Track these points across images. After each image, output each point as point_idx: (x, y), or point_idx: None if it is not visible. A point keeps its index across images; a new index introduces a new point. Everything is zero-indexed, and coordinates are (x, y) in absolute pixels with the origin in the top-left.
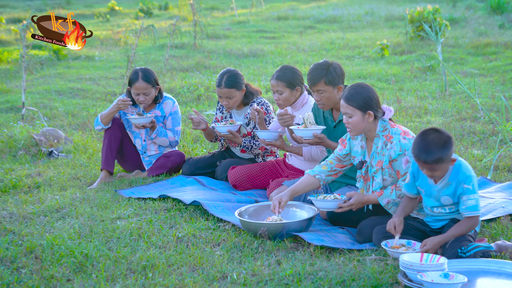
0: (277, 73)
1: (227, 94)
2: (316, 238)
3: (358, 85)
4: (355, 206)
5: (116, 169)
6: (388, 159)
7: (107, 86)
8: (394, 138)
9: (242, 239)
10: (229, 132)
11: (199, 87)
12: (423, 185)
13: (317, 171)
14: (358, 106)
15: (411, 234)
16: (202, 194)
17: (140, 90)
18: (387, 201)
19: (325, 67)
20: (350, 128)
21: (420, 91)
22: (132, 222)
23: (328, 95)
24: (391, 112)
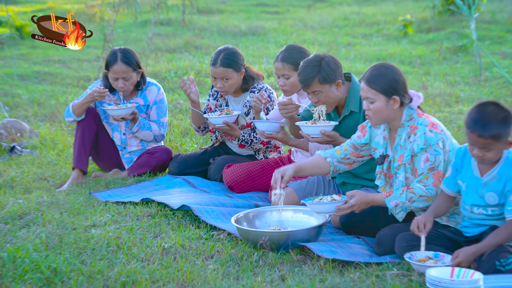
0: (283, 53)
1: (223, 75)
2: (327, 249)
3: (382, 65)
4: (357, 207)
5: (91, 168)
6: (410, 154)
7: (80, 69)
8: (419, 130)
9: (240, 250)
10: (225, 123)
11: (189, 71)
12: (466, 178)
13: (330, 154)
14: (381, 89)
15: (441, 245)
16: (192, 198)
17: (119, 74)
18: (395, 204)
19: (316, 63)
20: (370, 116)
21: (450, 75)
22: (110, 230)
23: (325, 95)
24: (420, 98)
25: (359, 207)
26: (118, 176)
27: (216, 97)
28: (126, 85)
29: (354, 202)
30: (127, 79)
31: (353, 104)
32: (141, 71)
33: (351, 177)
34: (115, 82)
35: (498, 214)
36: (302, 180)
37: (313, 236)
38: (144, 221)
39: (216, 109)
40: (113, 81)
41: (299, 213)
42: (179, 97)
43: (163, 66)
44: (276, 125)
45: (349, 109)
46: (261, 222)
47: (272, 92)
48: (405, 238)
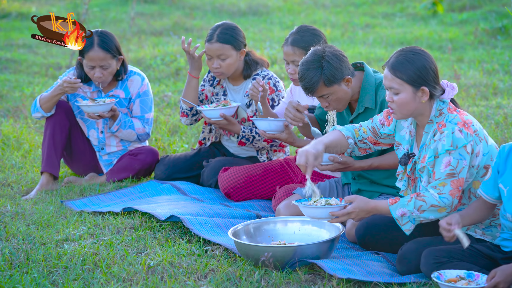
0: (293, 36)
1: (219, 52)
2: (341, 267)
3: (410, 50)
4: (355, 215)
5: (63, 172)
6: (434, 154)
7: (49, 56)
8: (446, 128)
9: (238, 268)
10: (222, 117)
11: (178, 58)
12: (509, 181)
13: (351, 133)
14: (408, 79)
15: (474, 262)
16: (182, 207)
17: (95, 62)
18: (402, 213)
19: (316, 64)
20: (394, 109)
21: (487, 62)
22: (85, 245)
23: (336, 97)
24: (454, 90)
25: (357, 215)
26: (95, 182)
27: (212, 83)
28: (104, 74)
29: (352, 209)
30: (105, 68)
31: (367, 99)
32: (122, 58)
33: (367, 183)
34: (91, 71)
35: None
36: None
37: (324, 251)
38: (125, 235)
39: (213, 97)
40: (88, 69)
41: (308, 225)
42: (166, 89)
43: (148, 51)
44: (279, 124)
45: (363, 106)
46: (263, 235)
47: (278, 81)
48: (432, 254)
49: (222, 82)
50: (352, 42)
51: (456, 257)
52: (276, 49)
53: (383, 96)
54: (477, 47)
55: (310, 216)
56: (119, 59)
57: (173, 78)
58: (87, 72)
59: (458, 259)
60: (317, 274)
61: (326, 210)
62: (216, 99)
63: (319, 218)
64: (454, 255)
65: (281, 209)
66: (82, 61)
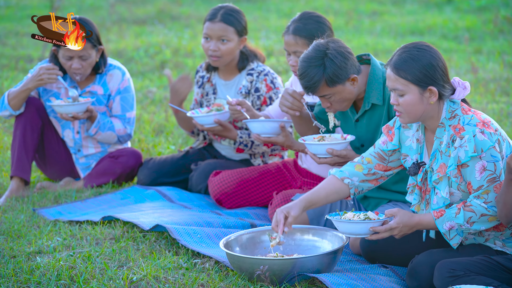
0: (295, 24)
1: (221, 33)
2: (345, 282)
3: (414, 46)
4: (398, 231)
5: (35, 177)
6: (456, 163)
7: (19, 47)
8: (466, 132)
9: (231, 283)
10: (217, 122)
11: (163, 49)
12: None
13: (348, 172)
14: (414, 79)
15: (494, 276)
16: (168, 215)
17: (74, 52)
18: (450, 226)
19: (318, 62)
20: (400, 112)
21: (508, 54)
22: (61, 258)
23: (339, 97)
24: (466, 89)
25: (400, 231)
26: (71, 188)
27: (201, 84)
28: (83, 66)
29: (395, 225)
30: (84, 58)
31: (375, 95)
32: (102, 48)
33: (375, 189)
34: (68, 62)
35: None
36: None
37: (326, 265)
38: (105, 246)
39: (203, 99)
40: (65, 61)
41: (308, 235)
42: (150, 84)
43: (130, 42)
44: (274, 125)
45: (370, 102)
46: (259, 246)
47: (276, 77)
48: (447, 267)
49: (212, 78)
50: (358, 32)
51: (474, 270)
52: (273, 40)
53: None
54: (497, 36)
55: (346, 233)
56: (98, 50)
57: (158, 72)
58: (63, 64)
59: (476, 273)
60: None
61: (367, 226)
62: (206, 100)
63: (357, 234)
64: (471, 268)
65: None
66: (58, 52)
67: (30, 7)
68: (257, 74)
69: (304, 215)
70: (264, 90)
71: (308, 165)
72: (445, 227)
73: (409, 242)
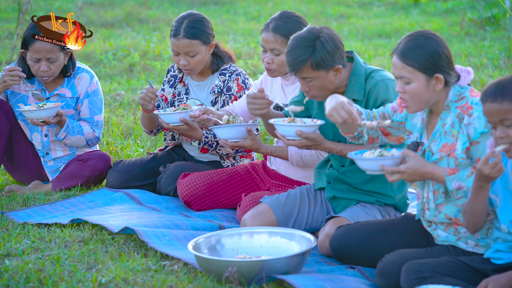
0: (276, 22)
1: (187, 49)
2: (313, 283)
3: (420, 35)
4: (408, 176)
5: (3, 180)
6: (467, 141)
7: None
8: (475, 110)
9: (200, 285)
10: (182, 121)
11: (132, 52)
12: (500, 189)
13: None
14: (420, 66)
15: (462, 277)
16: (137, 218)
17: (42, 54)
18: (458, 186)
19: (309, 43)
20: (407, 101)
21: (474, 56)
22: (29, 261)
23: (320, 83)
24: (470, 74)
25: (409, 176)
26: (40, 190)
27: (173, 83)
28: (50, 68)
29: (404, 169)
30: (52, 61)
31: (355, 90)
32: (70, 51)
33: (344, 189)
34: (36, 65)
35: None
36: (281, 195)
37: (294, 266)
38: (74, 249)
39: (174, 99)
40: (33, 63)
41: (276, 237)
42: (118, 87)
43: (98, 45)
44: (241, 130)
45: (351, 98)
46: (227, 248)
47: (248, 78)
48: (414, 268)
49: (184, 79)
50: None
51: (440, 272)
52: (241, 43)
53: (370, 87)
54: (464, 39)
55: (363, 169)
56: (67, 52)
57: (126, 75)
58: (31, 66)
59: (442, 274)
60: None
61: (378, 162)
62: (178, 100)
63: (369, 170)
64: (438, 269)
65: (247, 220)
66: (26, 54)
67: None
68: (229, 73)
69: (273, 217)
70: (235, 90)
71: (277, 166)
72: (454, 186)
73: (378, 242)
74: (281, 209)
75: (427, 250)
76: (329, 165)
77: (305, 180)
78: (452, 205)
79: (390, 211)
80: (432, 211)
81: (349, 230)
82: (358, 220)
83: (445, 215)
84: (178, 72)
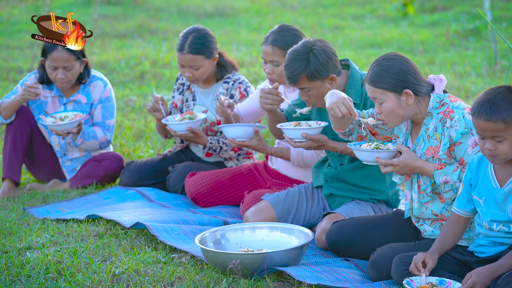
0: (274, 35)
1: (191, 63)
2: (310, 274)
3: (383, 59)
4: (400, 169)
5: (25, 178)
6: (448, 142)
7: (10, 59)
8: (456, 113)
9: (206, 276)
10: (189, 130)
11: (143, 61)
12: (483, 191)
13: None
14: (389, 86)
15: (448, 269)
16: (148, 214)
17: (59, 63)
18: (445, 180)
19: (303, 56)
20: (385, 120)
21: (459, 65)
22: (49, 253)
23: (317, 92)
24: (443, 81)
25: (401, 170)
26: (58, 188)
27: (182, 90)
28: (67, 76)
29: (397, 162)
30: (68, 69)
31: (352, 94)
32: (86, 60)
33: (341, 187)
34: (54, 72)
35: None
36: (281, 192)
37: (293, 259)
38: (90, 242)
39: (183, 105)
40: (51, 70)
41: (276, 232)
42: (131, 93)
43: (111, 55)
44: (248, 130)
45: None
46: (231, 242)
47: (249, 86)
48: (403, 260)
49: (191, 86)
50: None
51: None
52: (243, 52)
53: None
54: (449, 49)
55: (358, 157)
56: (82, 62)
57: (138, 81)
58: (49, 73)
59: None
60: (286, 282)
61: (373, 154)
62: (186, 106)
63: (364, 160)
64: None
65: (249, 216)
66: (45, 62)
67: (19, 23)
68: (232, 82)
69: (273, 213)
70: (238, 97)
71: (277, 166)
72: (441, 180)
73: (372, 236)
74: (281, 206)
75: (415, 244)
76: (326, 164)
77: (304, 179)
78: (438, 203)
79: (382, 208)
80: (420, 208)
81: (344, 225)
82: (352, 216)
83: (431, 211)
84: (186, 80)
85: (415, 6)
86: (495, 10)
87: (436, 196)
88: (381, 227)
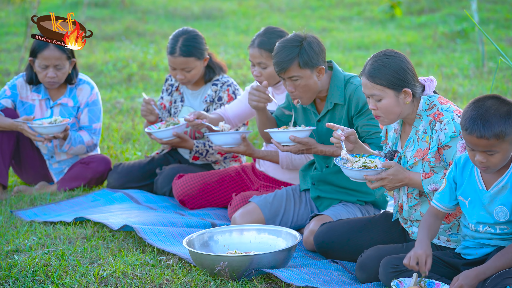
0: (260, 38)
1: (183, 65)
2: (298, 276)
3: (383, 55)
4: (389, 182)
5: (12, 181)
6: (437, 145)
7: None
8: (445, 116)
9: (193, 278)
10: (175, 135)
11: (130, 63)
12: (469, 193)
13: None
14: (388, 83)
15: (436, 271)
16: (136, 216)
17: (51, 61)
18: (434, 188)
19: (296, 43)
20: (380, 116)
21: (446, 66)
22: (36, 256)
23: (305, 83)
24: (433, 82)
25: (390, 182)
26: (46, 191)
27: (170, 91)
28: (57, 75)
29: (385, 176)
30: (59, 68)
31: (336, 95)
32: (74, 61)
33: (328, 190)
34: (44, 71)
35: (509, 233)
36: (269, 195)
37: (280, 261)
38: (77, 245)
39: (171, 106)
40: (41, 69)
41: (264, 234)
42: (118, 95)
43: (99, 57)
44: (235, 137)
45: (332, 102)
46: (219, 244)
47: (238, 88)
48: (391, 263)
49: (180, 87)
50: None
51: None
52: (231, 54)
53: (350, 91)
54: (436, 51)
55: (347, 175)
56: (71, 62)
57: (125, 84)
58: (39, 72)
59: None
60: (273, 284)
61: (361, 173)
62: (175, 107)
63: (353, 178)
64: None
65: (237, 218)
66: (33, 62)
67: (7, 25)
68: (221, 84)
69: (261, 215)
70: (226, 100)
71: (265, 168)
72: (430, 188)
73: (359, 238)
74: (269, 208)
75: (403, 246)
76: (313, 167)
77: (291, 181)
78: (426, 205)
79: (370, 210)
80: (409, 211)
81: (332, 227)
82: (340, 217)
83: (420, 213)
84: (175, 81)
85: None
86: (482, 12)
87: (424, 198)
88: (369, 229)
